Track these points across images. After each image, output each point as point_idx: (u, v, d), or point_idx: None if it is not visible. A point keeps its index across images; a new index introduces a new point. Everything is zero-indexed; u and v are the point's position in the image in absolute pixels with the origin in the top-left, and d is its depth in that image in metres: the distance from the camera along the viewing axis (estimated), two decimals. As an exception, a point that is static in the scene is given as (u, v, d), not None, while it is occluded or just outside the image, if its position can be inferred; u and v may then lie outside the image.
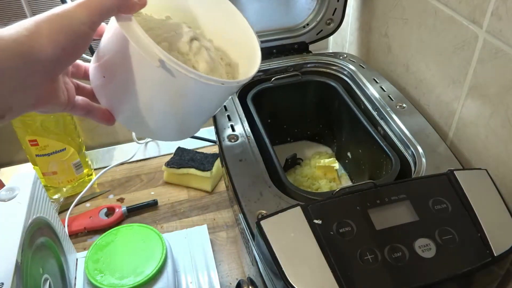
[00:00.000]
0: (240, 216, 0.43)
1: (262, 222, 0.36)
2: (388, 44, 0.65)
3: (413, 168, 0.46)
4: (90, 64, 0.38)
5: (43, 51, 0.28)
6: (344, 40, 0.82)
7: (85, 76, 0.38)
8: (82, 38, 0.30)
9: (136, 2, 0.33)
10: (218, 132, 0.52)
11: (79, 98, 0.37)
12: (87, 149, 0.81)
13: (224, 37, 0.42)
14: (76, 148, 0.71)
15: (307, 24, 0.69)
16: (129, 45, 0.32)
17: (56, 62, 0.30)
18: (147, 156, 0.82)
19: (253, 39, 0.41)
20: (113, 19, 0.33)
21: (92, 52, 0.71)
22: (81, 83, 0.38)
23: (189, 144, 0.80)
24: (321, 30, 0.70)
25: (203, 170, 0.71)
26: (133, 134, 0.78)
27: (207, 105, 0.39)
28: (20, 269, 0.39)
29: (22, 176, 0.49)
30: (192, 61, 0.37)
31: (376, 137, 0.52)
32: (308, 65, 0.65)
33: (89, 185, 0.72)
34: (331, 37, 0.79)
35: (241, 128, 0.52)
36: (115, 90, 0.37)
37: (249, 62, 0.40)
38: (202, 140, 0.82)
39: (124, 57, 0.33)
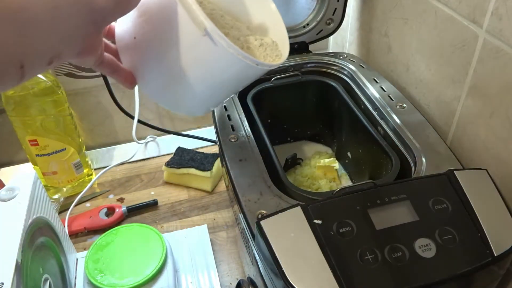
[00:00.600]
0: (240, 216, 0.43)
1: (262, 222, 0.36)
2: (388, 44, 0.65)
3: (413, 168, 0.46)
4: (117, 23, 0.37)
5: (100, 1, 0.29)
6: (344, 40, 0.82)
7: (108, 35, 0.38)
8: None
9: None
10: (218, 132, 0.52)
11: (107, 55, 0.36)
12: (87, 149, 0.81)
13: (256, 21, 0.42)
14: (76, 148, 0.71)
15: (307, 24, 0.69)
16: (177, 8, 0.32)
17: (109, 14, 0.30)
18: (147, 156, 0.82)
19: (281, 24, 0.42)
20: None
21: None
22: (106, 41, 0.38)
23: (189, 144, 0.80)
24: (321, 30, 0.70)
25: (203, 170, 0.71)
26: (133, 134, 0.78)
27: (237, 82, 0.39)
28: (20, 269, 0.39)
29: (22, 176, 0.49)
30: (239, 41, 0.38)
31: (376, 137, 0.52)
32: (308, 65, 0.65)
33: (89, 185, 0.72)
34: (331, 37, 0.79)
35: (241, 128, 0.52)
36: (145, 53, 0.36)
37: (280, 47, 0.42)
38: (202, 140, 0.82)
39: (166, 21, 0.33)
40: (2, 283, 0.37)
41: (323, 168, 0.64)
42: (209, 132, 0.86)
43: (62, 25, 0.28)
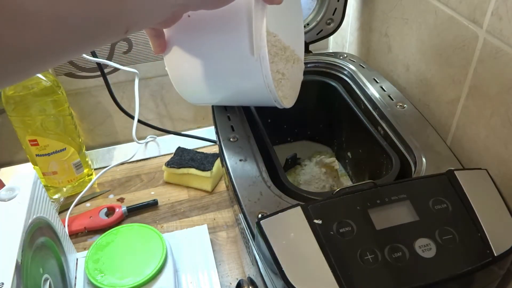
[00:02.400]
0: (240, 216, 0.43)
1: (262, 222, 0.36)
2: (388, 44, 0.65)
3: (413, 168, 0.46)
4: None
5: None
6: (344, 40, 0.82)
7: None
8: None
9: None
10: (218, 132, 0.52)
11: None
12: (87, 149, 0.81)
13: (281, 20, 0.44)
14: (76, 148, 0.71)
15: (307, 24, 0.69)
16: (245, 18, 0.35)
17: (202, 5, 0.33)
18: (147, 156, 0.82)
19: (301, 23, 0.46)
20: None
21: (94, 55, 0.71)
22: None
23: (189, 144, 0.80)
24: (321, 30, 0.70)
25: (203, 170, 0.71)
26: (133, 134, 0.78)
27: (249, 100, 0.47)
28: (20, 269, 0.39)
29: (22, 176, 0.49)
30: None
31: (376, 137, 0.52)
32: (308, 65, 0.65)
33: (89, 185, 0.72)
34: (331, 37, 0.79)
35: (241, 128, 0.52)
36: (192, 35, 0.39)
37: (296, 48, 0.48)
38: (202, 140, 0.82)
39: (229, 20, 0.37)
40: (2, 283, 0.37)
41: (324, 168, 0.64)
42: (209, 132, 0.86)
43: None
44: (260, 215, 0.39)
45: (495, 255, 0.35)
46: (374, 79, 0.59)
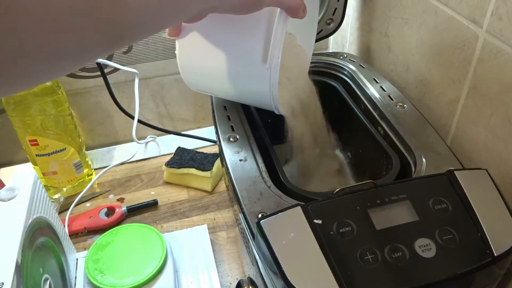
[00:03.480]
0: (240, 216, 0.43)
1: (262, 222, 0.36)
2: (388, 44, 0.65)
3: (413, 168, 0.46)
4: None
5: None
6: (344, 40, 0.82)
7: None
8: None
9: (302, 14, 0.37)
10: (218, 132, 0.52)
11: None
12: (87, 149, 0.81)
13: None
14: (76, 148, 0.71)
15: (307, 24, 0.69)
16: (263, 28, 0.37)
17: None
18: (147, 156, 0.82)
19: (315, 24, 0.48)
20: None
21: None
22: None
23: (189, 144, 0.80)
24: (321, 30, 0.70)
25: (203, 170, 0.71)
26: (133, 134, 0.78)
27: (252, 100, 0.49)
28: (20, 269, 0.39)
29: (22, 176, 0.49)
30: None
31: (376, 137, 0.52)
32: (308, 65, 0.65)
33: (89, 185, 0.72)
34: (331, 37, 0.79)
35: (241, 128, 0.52)
36: (208, 30, 0.41)
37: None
38: (202, 140, 0.82)
39: (249, 30, 0.39)
40: (2, 283, 0.37)
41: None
42: (209, 132, 0.86)
43: None
44: (260, 215, 0.39)
45: (495, 255, 0.35)
46: (374, 79, 0.59)
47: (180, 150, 0.77)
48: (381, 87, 0.58)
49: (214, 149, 0.81)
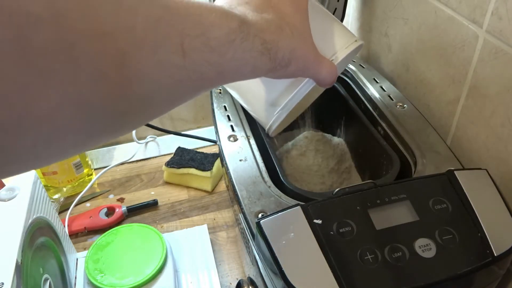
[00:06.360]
0: (240, 216, 0.43)
1: (262, 222, 0.36)
2: (388, 44, 0.65)
3: (413, 168, 0.46)
4: None
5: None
6: (344, 40, 0.81)
7: None
8: None
9: (328, 84, 0.37)
10: (218, 132, 0.52)
11: None
12: (87, 149, 0.81)
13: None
14: (76, 148, 0.71)
15: (307, 24, 0.69)
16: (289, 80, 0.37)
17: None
18: (147, 156, 0.82)
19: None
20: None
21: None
22: None
23: (189, 144, 0.80)
24: (321, 30, 0.70)
25: (203, 170, 0.71)
26: (133, 134, 0.78)
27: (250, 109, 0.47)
28: (20, 269, 0.39)
29: (22, 176, 0.49)
30: None
31: (376, 137, 0.52)
32: (308, 65, 0.65)
33: (89, 185, 0.72)
34: (331, 37, 0.79)
35: (241, 128, 0.52)
36: None
37: None
38: (202, 140, 0.82)
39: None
40: (2, 283, 0.37)
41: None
42: (209, 132, 0.86)
43: None
44: (260, 215, 0.39)
45: (495, 255, 0.35)
46: (374, 79, 0.59)
47: (180, 150, 0.77)
48: (381, 87, 0.58)
49: (214, 149, 0.81)
